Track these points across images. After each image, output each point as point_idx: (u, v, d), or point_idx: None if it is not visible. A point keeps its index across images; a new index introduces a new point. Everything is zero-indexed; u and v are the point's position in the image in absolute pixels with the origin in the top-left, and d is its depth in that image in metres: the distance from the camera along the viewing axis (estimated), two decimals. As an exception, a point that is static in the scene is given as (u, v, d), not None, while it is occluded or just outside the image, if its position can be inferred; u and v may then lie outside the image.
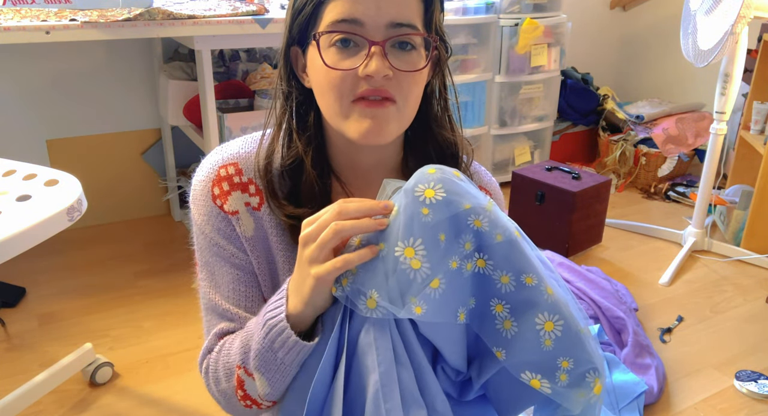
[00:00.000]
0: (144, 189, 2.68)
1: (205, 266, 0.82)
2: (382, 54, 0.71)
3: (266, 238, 0.80)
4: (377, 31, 0.71)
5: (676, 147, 3.05)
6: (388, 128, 0.73)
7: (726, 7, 2.02)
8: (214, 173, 0.79)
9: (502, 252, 0.68)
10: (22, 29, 1.65)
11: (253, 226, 0.79)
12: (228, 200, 0.78)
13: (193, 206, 0.81)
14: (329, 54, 0.72)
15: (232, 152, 0.81)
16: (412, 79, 0.73)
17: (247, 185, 0.79)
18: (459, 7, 2.75)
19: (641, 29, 3.63)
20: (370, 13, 0.70)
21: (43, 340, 1.88)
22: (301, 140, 0.79)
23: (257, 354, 0.72)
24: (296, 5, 0.74)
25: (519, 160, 3.13)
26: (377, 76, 0.70)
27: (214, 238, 0.80)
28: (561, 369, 0.69)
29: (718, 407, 1.67)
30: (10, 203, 1.28)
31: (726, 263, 2.42)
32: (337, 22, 0.71)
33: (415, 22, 0.72)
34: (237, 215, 0.79)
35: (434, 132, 0.82)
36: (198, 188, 0.80)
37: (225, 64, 2.44)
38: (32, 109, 2.41)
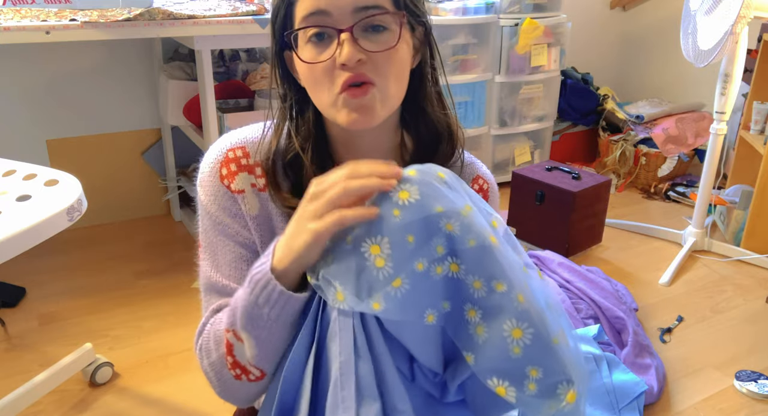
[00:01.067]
0: (144, 189, 2.68)
1: (208, 247, 0.84)
2: (352, 39, 0.72)
3: (270, 218, 0.82)
4: (344, 18, 0.72)
5: (676, 147, 3.05)
6: (374, 111, 0.75)
7: (726, 7, 2.02)
8: (222, 155, 0.82)
9: (473, 257, 0.68)
10: (22, 29, 1.65)
11: (258, 205, 0.82)
12: (235, 180, 0.81)
13: (200, 188, 0.83)
14: (306, 50, 0.75)
15: (240, 136, 0.84)
16: (387, 59, 0.74)
17: (254, 167, 0.82)
18: (459, 7, 2.75)
19: (641, 29, 3.63)
20: (335, 2, 0.72)
21: (43, 340, 1.88)
22: (299, 137, 0.81)
23: (244, 311, 0.71)
24: (273, 10, 0.77)
25: (519, 160, 3.13)
26: (350, 62, 0.72)
27: (219, 216, 0.82)
28: (529, 378, 0.68)
29: (718, 407, 1.67)
30: (10, 203, 1.28)
31: (726, 263, 2.42)
32: (306, 17, 0.73)
33: (381, 2, 0.73)
34: (243, 193, 0.81)
35: (426, 112, 0.83)
36: (206, 169, 0.83)
37: (225, 64, 2.44)
38: (32, 109, 2.41)
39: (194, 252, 0.90)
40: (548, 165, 2.52)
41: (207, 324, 0.82)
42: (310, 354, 0.71)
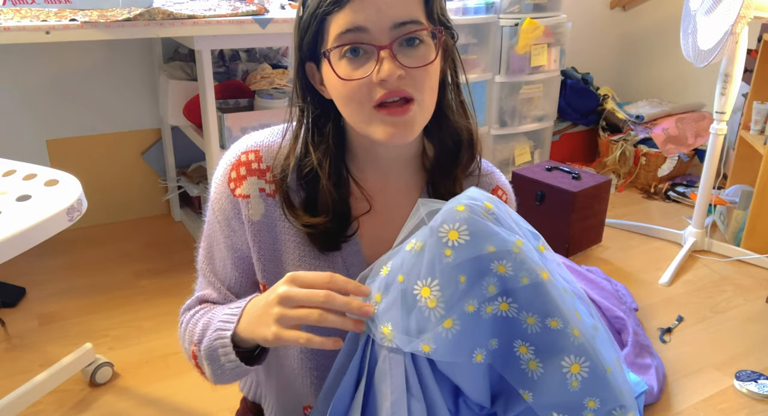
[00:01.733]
0: (144, 189, 2.68)
1: (206, 239, 0.88)
2: (391, 56, 0.72)
3: (275, 224, 0.82)
4: (382, 34, 0.71)
5: (676, 147, 3.05)
6: (414, 127, 0.75)
7: (726, 7, 2.02)
8: (235, 157, 0.83)
9: (526, 295, 0.68)
10: (22, 29, 1.65)
11: (262, 211, 0.82)
12: (242, 184, 0.81)
13: (212, 183, 0.86)
14: (341, 66, 0.73)
15: (257, 140, 0.84)
16: (425, 73, 0.74)
17: (264, 171, 0.82)
18: (459, 7, 2.75)
19: (641, 29, 3.63)
20: (372, 18, 0.70)
21: (43, 340, 1.88)
22: (317, 152, 0.80)
23: (206, 348, 0.78)
24: (302, 24, 0.75)
25: (519, 160, 3.13)
26: (390, 79, 0.71)
27: (219, 216, 0.84)
28: (587, 409, 0.69)
29: (718, 407, 1.67)
30: (10, 203, 1.28)
31: (726, 263, 2.42)
32: (342, 33, 0.72)
33: (417, 16, 0.73)
34: (247, 199, 0.81)
35: (450, 119, 0.83)
36: (220, 169, 0.84)
37: (225, 64, 2.44)
38: (32, 109, 2.41)
39: (194, 252, 0.91)
40: (548, 165, 2.52)
41: (192, 309, 0.88)
42: (357, 392, 0.71)
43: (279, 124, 0.86)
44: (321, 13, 0.72)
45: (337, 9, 0.71)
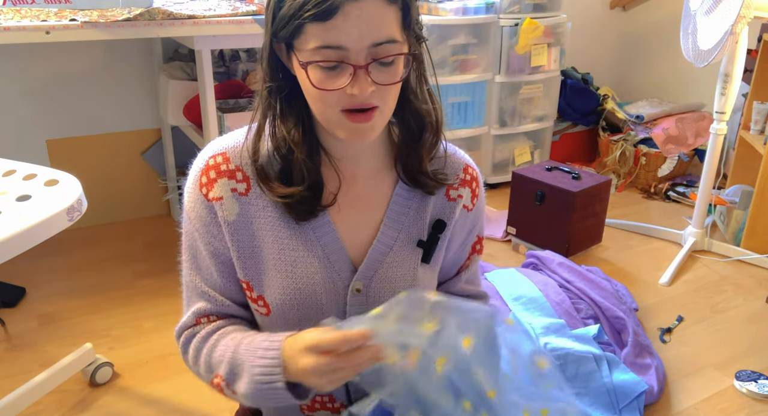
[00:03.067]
0: (144, 189, 2.68)
1: (188, 249, 0.89)
2: (365, 73, 0.74)
3: (251, 222, 0.84)
4: (360, 54, 0.73)
5: (676, 147, 3.05)
6: (374, 131, 0.80)
7: (726, 7, 2.02)
8: (203, 163, 0.85)
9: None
10: (22, 29, 1.65)
11: (237, 211, 0.84)
12: (213, 187, 0.83)
13: (185, 193, 0.87)
14: (315, 74, 0.75)
15: (221, 144, 0.86)
16: (393, 87, 0.78)
17: (234, 171, 0.84)
18: (459, 7, 2.75)
19: (641, 29, 3.63)
20: (353, 38, 0.72)
21: (43, 340, 1.88)
22: (288, 124, 0.83)
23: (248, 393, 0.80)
24: (278, 17, 0.76)
25: (519, 160, 3.13)
26: (362, 95, 0.75)
27: (196, 224, 0.86)
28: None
29: (718, 407, 1.67)
30: (10, 203, 1.28)
31: (726, 263, 2.42)
32: (320, 47, 0.73)
33: (394, 35, 0.75)
34: (221, 201, 0.83)
35: (413, 103, 0.86)
36: (190, 178, 0.86)
37: (225, 64, 2.44)
38: (32, 109, 2.41)
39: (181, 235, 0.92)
40: (548, 165, 2.52)
41: (190, 327, 0.90)
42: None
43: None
44: (302, 19, 0.73)
45: (319, 21, 0.72)
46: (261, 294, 0.86)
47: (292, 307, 0.85)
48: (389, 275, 0.88)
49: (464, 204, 0.93)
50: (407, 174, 0.88)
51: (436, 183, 0.89)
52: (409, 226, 0.90)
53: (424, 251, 0.90)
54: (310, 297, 0.85)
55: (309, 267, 0.85)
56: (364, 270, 0.87)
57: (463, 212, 0.93)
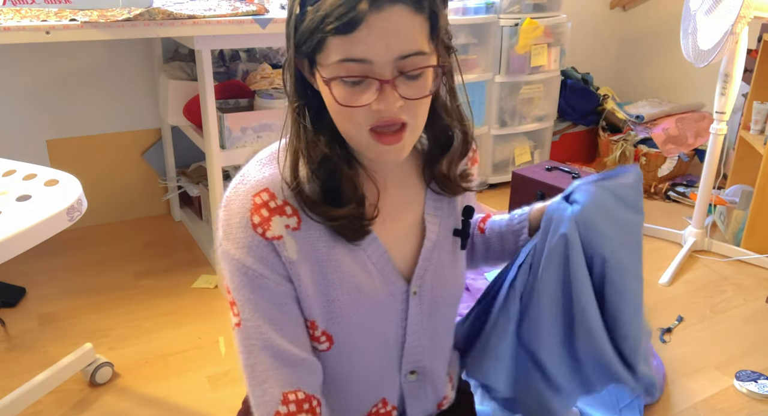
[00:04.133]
0: (144, 189, 2.68)
1: (246, 304, 0.78)
2: (392, 87, 0.71)
3: (309, 258, 0.79)
4: (386, 67, 0.70)
5: (676, 147, 3.05)
6: (404, 151, 0.77)
7: (726, 7, 2.02)
8: (249, 202, 0.77)
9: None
10: (22, 29, 1.65)
11: (296, 248, 0.78)
12: (271, 226, 0.77)
13: (228, 241, 0.78)
14: (339, 90, 0.72)
15: (256, 178, 0.79)
16: (423, 102, 0.75)
17: (283, 207, 0.78)
18: (459, 7, 2.75)
19: (641, 29, 3.63)
20: (378, 51, 0.69)
21: (43, 340, 1.88)
22: (323, 142, 0.78)
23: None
24: (300, 31, 0.72)
25: (519, 160, 3.13)
26: (390, 111, 0.71)
27: (257, 269, 0.77)
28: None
29: (718, 407, 1.67)
30: (10, 203, 1.28)
31: (726, 263, 2.42)
32: (345, 61, 0.70)
33: (422, 47, 0.71)
34: (282, 239, 0.77)
35: (442, 118, 0.85)
36: (234, 220, 0.77)
37: (225, 64, 2.44)
38: (32, 109, 2.41)
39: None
40: (548, 165, 2.52)
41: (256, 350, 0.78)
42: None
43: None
44: (325, 33, 0.69)
45: (342, 34, 0.68)
46: (325, 329, 0.82)
47: (359, 329, 0.83)
48: (437, 270, 0.89)
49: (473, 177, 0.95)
50: (436, 181, 0.88)
51: (463, 189, 0.90)
52: (445, 219, 0.90)
53: (461, 238, 0.91)
54: (374, 315, 0.84)
55: (369, 288, 0.83)
56: (419, 271, 0.87)
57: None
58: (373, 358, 0.87)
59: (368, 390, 0.90)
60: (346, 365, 0.86)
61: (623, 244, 0.88)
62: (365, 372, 0.88)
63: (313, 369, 0.82)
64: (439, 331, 0.92)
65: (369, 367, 0.88)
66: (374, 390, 0.90)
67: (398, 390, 0.93)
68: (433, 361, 0.94)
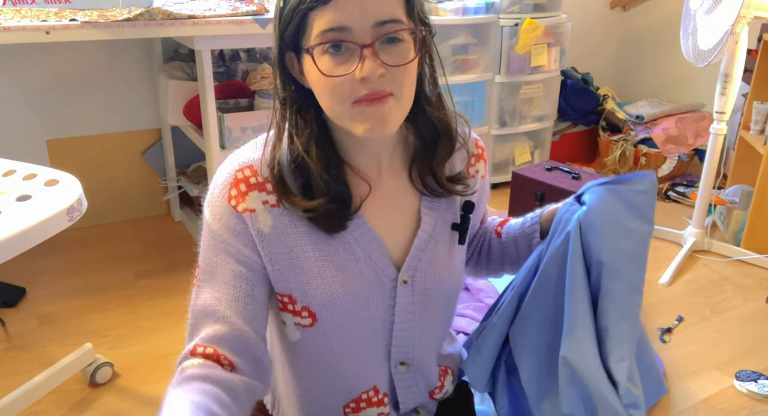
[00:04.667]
0: (144, 189, 2.68)
1: (207, 267, 0.83)
2: (374, 54, 0.74)
3: (287, 233, 0.82)
4: (365, 33, 0.73)
5: (676, 147, 3.05)
6: (390, 121, 0.77)
7: (726, 7, 2.02)
8: (231, 177, 0.82)
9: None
10: (22, 29, 1.65)
11: (270, 223, 0.82)
12: (245, 200, 0.81)
13: (208, 208, 0.84)
14: (323, 61, 0.75)
15: (245, 156, 0.83)
16: (405, 70, 0.76)
17: (264, 184, 0.82)
18: (459, 7, 2.75)
19: (641, 29, 3.63)
20: (355, 17, 0.72)
21: (43, 340, 1.88)
22: (301, 138, 0.81)
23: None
24: (283, 17, 0.76)
25: (519, 160, 3.13)
26: (372, 77, 0.73)
27: (222, 235, 0.82)
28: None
29: (718, 407, 1.67)
30: (10, 203, 1.28)
31: (726, 263, 2.42)
32: (325, 31, 0.73)
33: (398, 15, 0.75)
34: (254, 213, 0.81)
35: (426, 112, 0.86)
36: (216, 192, 0.83)
37: (225, 64, 2.44)
38: (32, 109, 2.41)
39: (194, 251, 0.91)
40: (548, 165, 2.52)
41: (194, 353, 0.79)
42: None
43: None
44: (304, 8, 0.73)
45: (320, 6, 0.72)
46: (306, 305, 0.84)
47: (342, 310, 0.84)
48: (432, 262, 0.89)
49: (481, 175, 0.97)
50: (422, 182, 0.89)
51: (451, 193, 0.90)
52: (443, 212, 0.91)
53: (459, 233, 0.92)
54: (358, 297, 0.85)
55: (353, 269, 0.84)
56: (410, 261, 0.88)
57: (480, 183, 0.97)
58: (361, 343, 0.88)
59: (357, 376, 0.91)
60: (332, 345, 0.87)
61: (625, 252, 0.84)
62: (353, 355, 0.89)
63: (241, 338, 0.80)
64: (431, 324, 0.93)
65: (356, 351, 0.88)
66: (364, 376, 0.91)
67: (389, 379, 0.94)
68: (423, 354, 0.94)
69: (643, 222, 0.86)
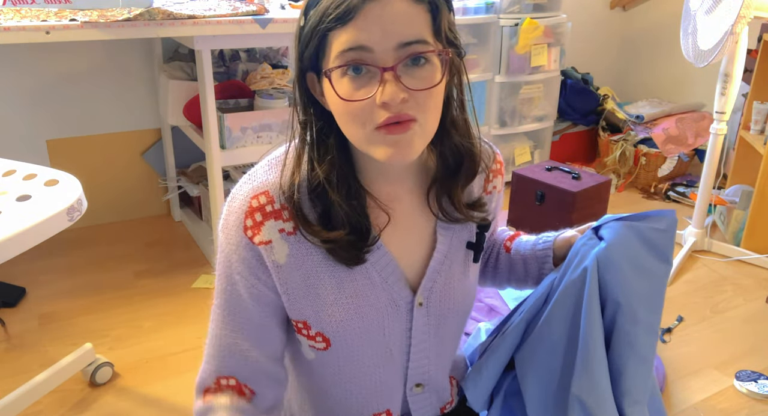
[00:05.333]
0: (144, 189, 2.68)
1: (222, 293, 0.83)
2: (395, 78, 0.69)
3: (303, 261, 0.79)
4: (386, 54, 0.68)
5: (676, 147, 3.05)
6: (413, 147, 0.73)
7: (726, 7, 2.02)
8: (246, 204, 0.78)
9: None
10: (22, 29, 1.65)
11: (287, 251, 0.78)
12: (261, 231, 0.77)
13: (223, 233, 0.81)
14: (343, 85, 0.70)
15: (260, 180, 0.79)
16: (429, 94, 0.71)
17: (280, 211, 0.78)
18: (459, 7, 2.75)
19: (641, 29, 3.63)
20: (376, 37, 0.67)
21: (43, 340, 1.88)
22: (323, 166, 0.77)
23: None
24: (302, 37, 0.73)
25: (519, 160, 3.13)
26: (393, 102, 0.69)
27: (238, 266, 0.80)
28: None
29: (718, 407, 1.67)
30: (10, 203, 1.28)
31: (726, 263, 2.42)
32: (345, 51, 0.69)
33: (424, 36, 0.70)
34: (270, 244, 0.78)
35: (452, 136, 0.82)
36: (231, 218, 0.79)
37: (225, 64, 2.44)
38: (32, 109, 2.41)
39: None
40: (548, 165, 2.52)
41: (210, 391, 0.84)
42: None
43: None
44: (323, 29, 0.69)
45: (340, 26, 0.68)
46: (320, 330, 0.82)
47: (357, 335, 0.83)
48: (447, 282, 0.87)
49: (498, 190, 0.94)
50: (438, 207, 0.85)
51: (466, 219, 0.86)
52: (459, 231, 0.88)
53: (474, 251, 0.89)
54: (374, 321, 0.83)
55: (370, 295, 0.82)
56: (426, 283, 0.85)
57: (497, 196, 0.94)
58: (377, 366, 0.86)
59: (371, 398, 0.89)
60: (346, 368, 0.86)
61: (641, 292, 0.82)
62: (367, 378, 0.87)
63: (257, 367, 0.84)
64: (445, 343, 0.91)
65: (372, 374, 0.87)
66: (378, 399, 0.89)
67: (403, 400, 0.92)
68: (438, 373, 0.93)
69: (662, 262, 0.84)
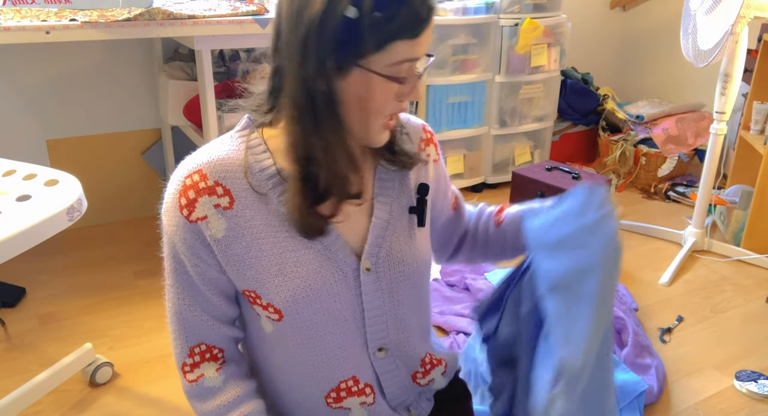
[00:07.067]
0: (144, 189, 2.68)
1: (171, 273, 0.89)
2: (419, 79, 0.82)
3: (243, 234, 0.83)
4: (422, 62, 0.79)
5: (676, 147, 3.06)
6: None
7: (726, 7, 2.02)
8: (180, 184, 0.83)
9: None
10: (22, 29, 1.65)
11: (224, 226, 0.83)
12: (195, 208, 0.82)
13: (164, 217, 0.86)
14: (388, 88, 0.78)
15: (194, 161, 0.84)
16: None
17: (214, 187, 0.82)
18: (459, 7, 2.75)
19: (641, 29, 3.63)
20: (425, 50, 0.78)
21: (43, 340, 1.88)
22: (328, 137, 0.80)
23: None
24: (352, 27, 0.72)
25: (519, 160, 3.13)
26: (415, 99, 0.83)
27: (180, 247, 0.85)
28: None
29: (718, 407, 1.67)
30: (10, 203, 1.28)
31: (726, 263, 2.42)
32: (404, 61, 0.76)
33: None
34: (206, 219, 0.82)
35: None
36: (168, 200, 0.84)
37: (225, 64, 2.44)
38: (32, 109, 2.41)
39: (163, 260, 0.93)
40: (548, 165, 2.52)
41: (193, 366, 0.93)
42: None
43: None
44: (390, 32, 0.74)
45: (410, 37, 0.75)
46: (270, 302, 0.86)
47: (306, 304, 0.85)
48: (393, 246, 0.91)
49: (433, 159, 1.00)
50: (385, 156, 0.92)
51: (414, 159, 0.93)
52: (398, 197, 0.93)
53: (417, 215, 0.95)
54: (321, 290, 0.86)
55: (313, 263, 0.85)
56: (370, 249, 0.89)
57: (435, 167, 1.00)
58: (333, 333, 0.89)
59: (334, 366, 0.91)
60: (304, 337, 0.88)
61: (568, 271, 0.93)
62: (327, 346, 0.89)
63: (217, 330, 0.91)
64: (404, 307, 0.94)
65: (330, 342, 0.89)
66: (341, 366, 0.91)
67: (371, 368, 0.94)
68: (400, 338, 0.95)
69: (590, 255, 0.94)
